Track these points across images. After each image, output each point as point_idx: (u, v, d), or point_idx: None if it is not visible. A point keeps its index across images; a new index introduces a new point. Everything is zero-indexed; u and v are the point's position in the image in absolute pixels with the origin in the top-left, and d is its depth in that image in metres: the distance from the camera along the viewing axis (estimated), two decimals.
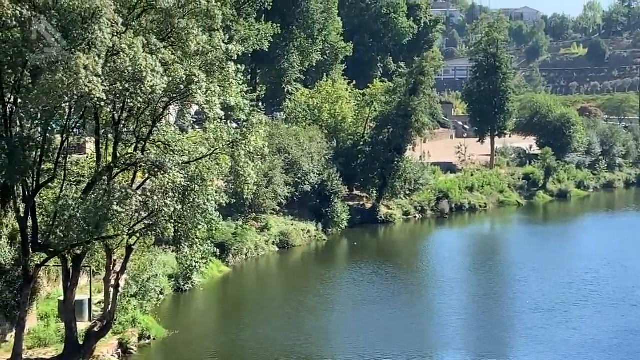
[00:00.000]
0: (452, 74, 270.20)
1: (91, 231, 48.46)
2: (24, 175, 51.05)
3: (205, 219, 52.14)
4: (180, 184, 49.92)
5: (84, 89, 45.37)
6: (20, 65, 50.18)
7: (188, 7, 53.00)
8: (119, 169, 52.52)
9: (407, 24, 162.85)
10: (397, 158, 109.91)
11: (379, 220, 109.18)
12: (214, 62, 52.57)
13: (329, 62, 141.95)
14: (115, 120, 52.07)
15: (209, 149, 52.69)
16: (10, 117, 51.05)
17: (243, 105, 53.45)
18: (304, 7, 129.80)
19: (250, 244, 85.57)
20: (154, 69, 47.87)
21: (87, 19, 48.05)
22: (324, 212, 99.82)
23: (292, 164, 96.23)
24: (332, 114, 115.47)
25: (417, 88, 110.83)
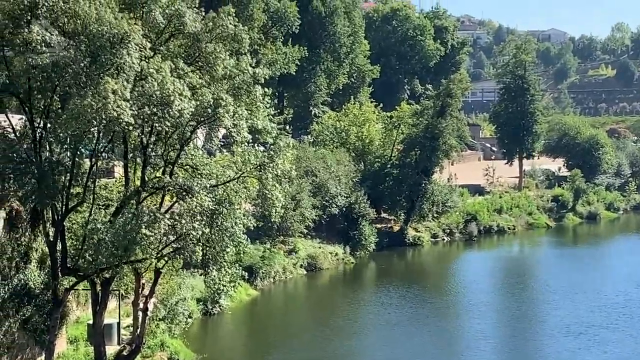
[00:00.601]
0: (479, 96, 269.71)
1: (120, 255, 48.60)
2: (53, 199, 51.36)
3: (233, 242, 52.18)
4: (208, 208, 50.01)
5: (113, 114, 45.66)
6: (49, 90, 50.62)
7: (215, 31, 53.35)
8: (147, 192, 52.72)
9: (434, 47, 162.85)
10: (424, 180, 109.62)
11: (407, 243, 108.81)
12: (241, 85, 52.78)
13: (356, 84, 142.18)
14: (143, 144, 52.33)
15: (236, 172, 52.80)
16: (39, 141, 51.43)
17: (270, 128, 53.59)
18: (331, 31, 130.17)
19: (278, 267, 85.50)
20: (181, 93, 48.12)
21: (116, 43, 48.44)
22: (352, 235, 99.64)
23: (319, 187, 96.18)
24: (360, 136, 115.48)
25: (444, 110, 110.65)
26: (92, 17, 48.49)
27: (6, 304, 53.43)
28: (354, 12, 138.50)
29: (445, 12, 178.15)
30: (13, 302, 54.25)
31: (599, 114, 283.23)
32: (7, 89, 51.13)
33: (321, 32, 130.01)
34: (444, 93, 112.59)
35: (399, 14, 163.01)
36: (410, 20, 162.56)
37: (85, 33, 48.65)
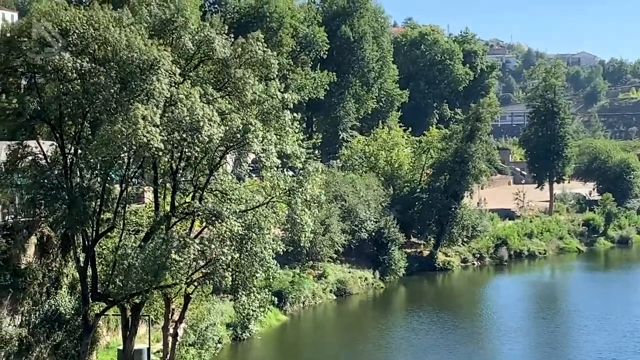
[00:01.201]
0: (508, 120, 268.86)
1: (150, 280, 48.70)
2: (84, 225, 51.65)
3: (263, 267, 52.16)
4: (238, 233, 50.05)
5: (143, 139, 45.91)
6: (80, 116, 51.03)
7: (244, 57, 53.61)
8: (177, 217, 52.88)
9: (463, 71, 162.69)
10: (454, 205, 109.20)
11: (437, 268, 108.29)
12: (270, 110, 52.95)
13: (384, 109, 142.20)
14: (173, 170, 52.55)
15: (265, 197, 52.86)
16: (70, 167, 51.81)
17: (299, 153, 53.63)
18: (360, 55, 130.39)
19: (308, 292, 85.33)
20: (211, 119, 48.34)
21: (146, 70, 48.80)
22: (381, 259, 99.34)
23: (348, 212, 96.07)
24: (389, 161, 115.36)
25: (473, 134, 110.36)
26: (122, 44, 48.90)
27: (37, 330, 53.69)
28: (382, 37, 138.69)
29: (475, 37, 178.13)
30: (44, 327, 54.51)
31: (630, 137, 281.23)
32: (38, 115, 51.63)
33: (350, 57, 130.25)
34: (473, 117, 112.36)
35: (427, 38, 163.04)
36: (438, 44, 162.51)
37: (116, 60, 49.07)
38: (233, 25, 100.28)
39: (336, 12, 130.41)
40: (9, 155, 52.36)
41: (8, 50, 51.88)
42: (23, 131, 52.42)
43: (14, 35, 51.79)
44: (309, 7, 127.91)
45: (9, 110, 50.92)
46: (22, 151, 52.02)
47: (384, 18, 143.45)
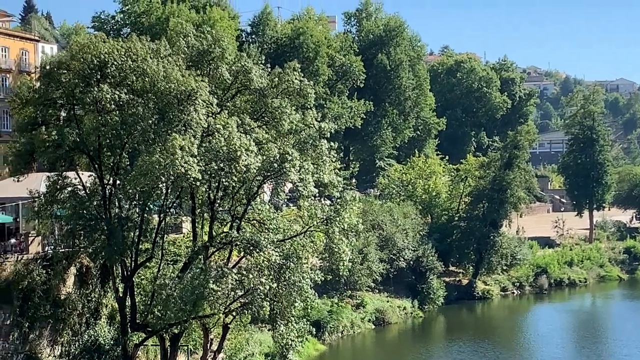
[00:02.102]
0: (547, 147, 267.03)
1: (188, 310, 48.77)
2: (122, 255, 51.93)
3: (301, 296, 52.03)
4: (276, 262, 50.04)
5: (180, 170, 46.18)
6: (118, 147, 51.45)
7: (281, 86, 53.86)
8: (215, 247, 53.01)
9: (500, 98, 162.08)
10: (493, 233, 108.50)
11: (476, 297, 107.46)
12: (307, 140, 53.07)
13: (421, 137, 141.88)
14: (210, 200, 52.74)
15: (303, 226, 52.85)
16: (109, 198, 52.19)
17: (336, 182, 53.64)
18: (396, 84, 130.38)
19: (346, 321, 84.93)
20: (248, 148, 48.53)
21: (183, 100, 49.18)
22: (420, 288, 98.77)
23: (386, 240, 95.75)
24: (426, 189, 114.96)
25: (511, 162, 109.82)
26: (160, 75, 49.35)
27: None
28: (419, 65, 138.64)
29: (513, 64, 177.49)
30: (84, 358, 54.74)
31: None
32: (77, 146, 52.13)
33: (386, 86, 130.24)
34: (511, 145, 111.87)
35: (464, 66, 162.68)
36: (475, 72, 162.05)
37: (154, 91, 49.51)
38: (270, 55, 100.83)
39: (372, 40, 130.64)
40: (48, 186, 52.89)
41: (48, 82, 52.58)
42: (62, 162, 52.96)
43: (54, 67, 52.48)
44: (345, 36, 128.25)
45: (49, 142, 51.48)
46: (61, 182, 52.52)
47: (421, 46, 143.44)
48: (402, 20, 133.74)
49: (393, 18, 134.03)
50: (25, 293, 54.38)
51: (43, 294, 54.86)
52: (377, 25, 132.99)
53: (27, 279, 54.47)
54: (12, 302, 54.16)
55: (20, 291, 54.27)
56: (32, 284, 54.49)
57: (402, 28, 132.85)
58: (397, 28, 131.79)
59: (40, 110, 52.92)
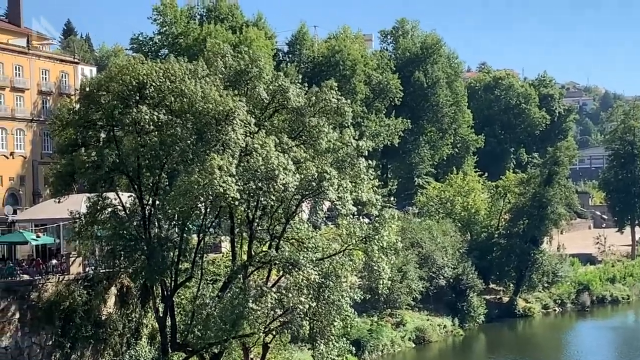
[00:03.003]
0: (587, 163, 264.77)
1: (228, 330, 48.84)
2: (162, 275, 52.16)
3: (340, 315, 51.90)
4: (315, 281, 49.99)
5: (219, 189, 46.36)
6: (157, 167, 51.78)
7: (318, 105, 53.95)
8: (254, 267, 53.08)
9: (539, 114, 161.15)
10: (533, 250, 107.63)
11: (517, 314, 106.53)
12: (345, 158, 53.06)
13: (459, 154, 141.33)
14: (249, 219, 52.86)
15: (342, 245, 52.77)
16: (149, 218, 52.48)
17: (375, 200, 53.54)
18: (433, 101, 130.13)
19: (386, 340, 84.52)
20: (286, 167, 48.62)
21: (221, 120, 49.42)
22: (460, 306, 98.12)
23: (425, 258, 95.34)
24: (465, 206, 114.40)
25: (551, 178, 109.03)
26: (198, 96, 49.66)
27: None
28: (456, 82, 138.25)
29: (551, 80, 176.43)
30: None
31: None
32: (117, 167, 52.54)
33: (423, 103, 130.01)
34: (551, 161, 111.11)
35: (502, 82, 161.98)
36: (514, 88, 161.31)
37: (192, 111, 49.80)
38: (307, 74, 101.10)
39: (409, 58, 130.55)
40: (89, 207, 53.31)
41: (88, 104, 53.10)
42: (102, 183, 53.36)
43: (93, 89, 52.99)
44: (381, 54, 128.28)
45: (89, 163, 51.92)
46: (101, 203, 52.93)
47: (458, 63, 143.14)
48: (438, 38, 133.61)
49: (430, 35, 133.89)
50: (67, 313, 54.77)
51: (84, 315, 55.22)
52: (414, 42, 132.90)
53: (69, 299, 54.89)
54: (54, 323, 54.58)
55: (61, 312, 54.68)
56: (74, 304, 54.89)
57: (439, 45, 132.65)
58: (434, 45, 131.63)
59: (80, 131, 53.42)
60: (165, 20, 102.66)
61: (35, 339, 54.29)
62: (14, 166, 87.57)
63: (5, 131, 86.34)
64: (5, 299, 53.06)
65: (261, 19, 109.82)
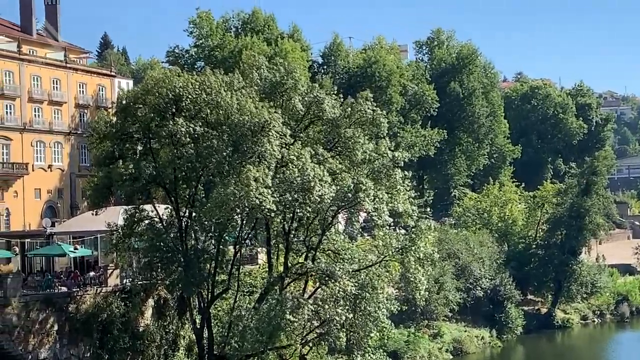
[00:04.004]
0: (625, 173, 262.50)
1: (265, 341, 48.83)
2: (199, 286, 52.26)
3: (377, 326, 51.73)
4: (351, 292, 49.87)
5: (255, 201, 46.41)
6: (194, 179, 51.96)
7: (354, 116, 53.91)
8: (291, 278, 53.05)
9: (577, 124, 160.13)
10: (571, 261, 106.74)
11: (556, 326, 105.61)
12: (380, 169, 52.95)
13: (496, 165, 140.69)
14: (285, 230, 52.86)
15: (378, 256, 52.62)
16: (185, 230, 52.64)
17: (411, 211, 53.34)
18: (470, 112, 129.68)
19: (423, 351, 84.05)
20: (322, 179, 48.58)
21: (257, 132, 49.49)
22: (498, 317, 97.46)
23: (462, 269, 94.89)
24: (502, 217, 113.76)
25: (589, 188, 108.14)
26: (233, 107, 49.82)
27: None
28: (493, 93, 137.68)
29: (589, 90, 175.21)
30: None
31: None
32: (154, 179, 52.78)
33: (459, 114, 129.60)
34: (589, 171, 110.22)
35: (538, 92, 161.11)
36: (550, 98, 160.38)
37: (228, 123, 49.94)
38: (342, 85, 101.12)
39: (445, 69, 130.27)
40: (126, 219, 53.57)
41: (124, 117, 53.44)
42: (139, 195, 53.59)
43: (130, 102, 53.33)
44: (417, 64, 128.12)
45: (126, 176, 52.16)
46: (138, 215, 53.17)
47: (494, 74, 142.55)
48: (474, 48, 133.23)
49: (465, 46, 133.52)
50: (105, 325, 55.04)
51: (122, 326, 55.46)
52: (450, 53, 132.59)
53: (107, 311, 55.15)
54: (92, 335, 54.87)
55: (99, 323, 54.95)
56: (111, 316, 55.14)
57: (474, 55, 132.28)
58: (469, 56, 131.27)
59: (117, 144, 53.74)
60: (201, 33, 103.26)
61: (74, 350, 54.60)
62: (52, 179, 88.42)
63: (44, 144, 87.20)
64: (43, 311, 53.43)
65: (296, 31, 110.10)
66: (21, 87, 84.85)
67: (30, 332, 52.47)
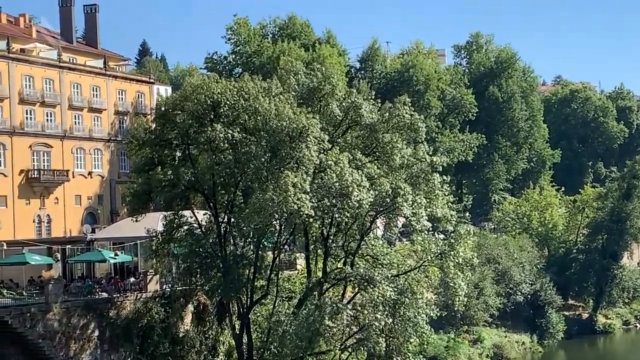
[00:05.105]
0: None
1: (304, 347, 48.81)
2: (238, 292, 52.37)
3: (417, 332, 51.52)
4: (390, 298, 49.73)
5: (293, 207, 46.42)
6: (232, 185, 52.09)
7: (392, 121, 53.78)
8: (329, 283, 53.00)
9: (617, 128, 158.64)
10: (613, 265, 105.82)
11: (597, 331, 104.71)
12: (419, 174, 52.77)
13: (535, 169, 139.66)
14: (324, 236, 52.82)
15: (417, 261, 52.45)
16: (224, 236, 52.79)
17: (450, 216, 53.10)
18: (508, 116, 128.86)
19: (463, 357, 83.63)
20: (360, 184, 48.49)
21: (295, 138, 49.52)
22: (539, 323, 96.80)
23: (502, 274, 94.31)
24: (542, 221, 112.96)
25: (631, 192, 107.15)
26: (271, 113, 49.87)
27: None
28: (532, 96, 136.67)
29: (629, 92, 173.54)
30: None
31: None
32: (192, 185, 52.99)
33: (498, 118, 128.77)
34: (630, 174, 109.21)
35: (578, 95, 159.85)
36: (591, 101, 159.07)
37: (266, 129, 50.01)
38: (380, 90, 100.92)
39: (483, 73, 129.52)
40: (165, 225, 53.81)
41: (163, 123, 53.70)
42: (178, 201, 53.81)
43: (169, 109, 53.59)
44: (455, 69, 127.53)
45: (165, 182, 52.42)
46: (177, 221, 53.40)
47: (533, 77, 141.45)
48: (513, 52, 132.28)
49: (504, 50, 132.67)
50: (145, 331, 55.31)
51: (162, 332, 55.70)
52: (488, 57, 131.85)
53: (147, 317, 55.42)
54: (132, 340, 55.16)
55: (139, 329, 55.24)
56: (151, 321, 55.40)
57: (514, 59, 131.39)
58: (508, 60, 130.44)
59: (156, 150, 54.03)
60: (238, 40, 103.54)
61: (114, 356, 54.92)
62: (92, 185, 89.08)
63: (84, 151, 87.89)
64: (84, 317, 53.82)
65: (331, 37, 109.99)
66: (61, 94, 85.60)
67: (71, 337, 52.89)
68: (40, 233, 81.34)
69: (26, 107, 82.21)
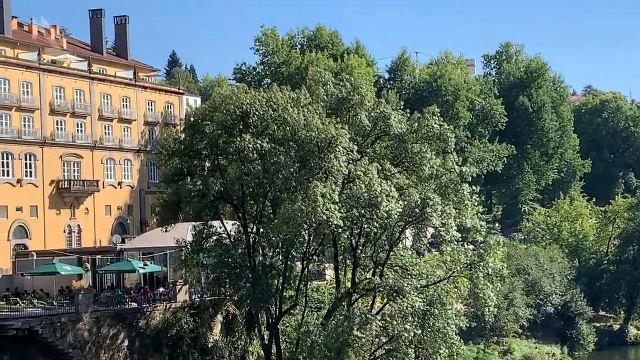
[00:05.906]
0: None
1: (333, 357, 48.71)
2: (267, 302, 52.39)
3: (446, 343, 51.28)
4: (420, 308, 49.55)
5: (322, 217, 46.41)
6: (261, 195, 52.15)
7: (421, 131, 53.66)
8: (358, 294, 52.90)
9: None
10: None
11: (629, 342, 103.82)
12: (448, 184, 52.62)
13: (566, 179, 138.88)
14: (353, 246, 52.76)
15: (446, 271, 52.25)
16: (253, 246, 52.85)
17: (479, 226, 52.89)
18: (538, 126, 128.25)
19: None
20: (389, 194, 48.41)
21: (324, 148, 49.54)
22: (569, 334, 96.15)
23: (532, 285, 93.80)
24: (572, 232, 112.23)
25: None
26: (300, 124, 49.92)
27: None
28: (562, 106, 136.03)
29: None
30: None
31: None
32: (221, 196, 53.10)
33: (528, 128, 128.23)
34: None
35: (609, 105, 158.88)
36: (622, 111, 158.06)
37: (294, 139, 50.05)
38: (409, 100, 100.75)
39: (513, 83, 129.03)
40: (194, 235, 53.96)
41: (193, 134, 53.88)
42: (207, 212, 53.92)
43: (198, 119, 53.78)
44: (484, 79, 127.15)
45: (194, 192, 52.52)
46: (207, 231, 53.50)
47: (563, 87, 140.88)
48: (543, 62, 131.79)
49: (534, 60, 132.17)
50: (174, 341, 55.42)
51: (191, 342, 55.80)
52: (518, 67, 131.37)
53: (176, 327, 55.55)
54: (162, 350, 55.28)
55: (169, 339, 55.37)
56: (181, 331, 55.52)
57: (544, 69, 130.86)
58: (538, 70, 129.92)
59: (186, 161, 54.22)
60: (267, 50, 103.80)
61: None
62: (122, 196, 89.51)
63: (114, 161, 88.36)
64: (114, 327, 54.00)
65: (359, 47, 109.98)
66: (92, 105, 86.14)
67: (101, 347, 53.07)
68: (70, 243, 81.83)
69: (57, 117, 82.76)
